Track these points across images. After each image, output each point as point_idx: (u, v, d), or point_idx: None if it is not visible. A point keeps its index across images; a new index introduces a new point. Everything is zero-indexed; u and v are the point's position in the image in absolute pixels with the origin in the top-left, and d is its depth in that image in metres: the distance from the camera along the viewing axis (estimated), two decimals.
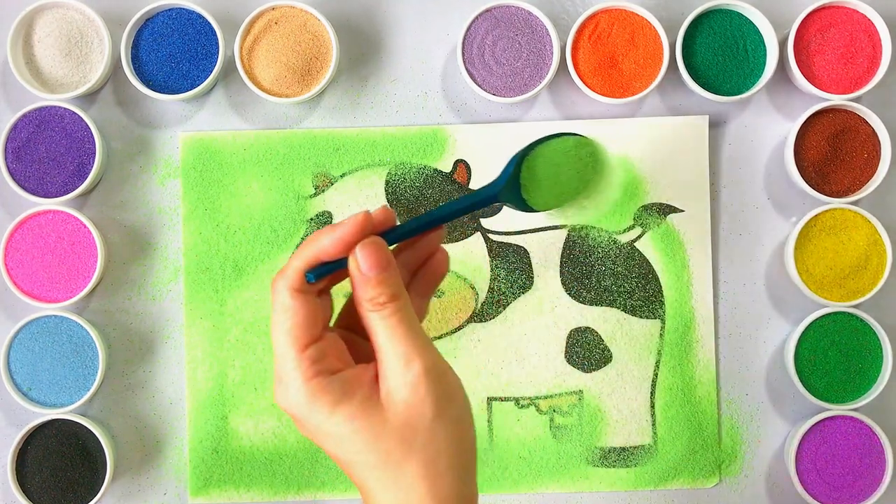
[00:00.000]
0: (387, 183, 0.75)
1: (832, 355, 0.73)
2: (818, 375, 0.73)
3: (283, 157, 0.75)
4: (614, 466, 0.74)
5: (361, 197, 0.75)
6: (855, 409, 0.73)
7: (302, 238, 0.75)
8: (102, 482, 0.72)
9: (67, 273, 0.73)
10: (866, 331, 0.73)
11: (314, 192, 0.75)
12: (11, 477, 0.72)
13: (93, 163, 0.73)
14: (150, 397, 0.75)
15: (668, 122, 0.75)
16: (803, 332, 0.73)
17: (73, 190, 0.73)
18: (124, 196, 0.76)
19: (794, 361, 0.73)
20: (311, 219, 0.75)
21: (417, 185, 0.75)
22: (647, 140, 0.75)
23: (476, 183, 0.75)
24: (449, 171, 0.75)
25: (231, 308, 0.75)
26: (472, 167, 0.75)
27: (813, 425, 0.72)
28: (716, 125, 0.76)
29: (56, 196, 0.73)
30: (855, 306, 0.73)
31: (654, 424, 0.74)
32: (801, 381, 0.73)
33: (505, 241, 0.75)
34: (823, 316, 0.73)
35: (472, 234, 0.75)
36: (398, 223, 0.52)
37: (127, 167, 0.76)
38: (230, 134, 0.75)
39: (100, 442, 0.72)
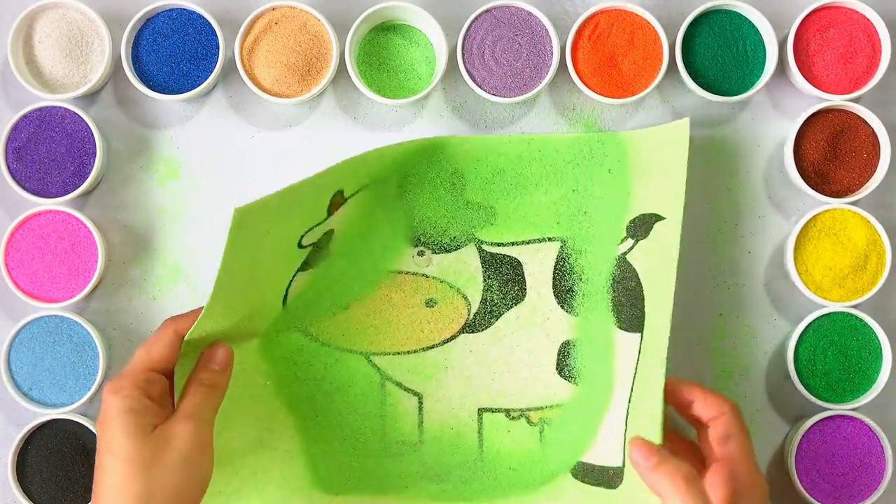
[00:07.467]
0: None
1: (831, 355, 0.73)
2: (818, 375, 0.73)
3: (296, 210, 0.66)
4: (597, 485, 0.69)
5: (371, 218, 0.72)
6: (854, 409, 0.73)
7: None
8: None
9: (68, 273, 0.73)
10: (866, 331, 0.73)
11: (327, 215, 0.69)
12: (12, 477, 0.72)
13: (93, 163, 0.73)
14: None
15: (650, 131, 0.71)
16: (802, 333, 0.73)
17: (74, 190, 0.73)
18: (124, 196, 0.76)
19: (794, 361, 0.73)
20: (313, 243, 0.70)
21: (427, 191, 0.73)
22: (634, 151, 0.71)
23: None
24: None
25: None
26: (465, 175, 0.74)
27: (813, 425, 0.72)
28: (715, 125, 0.76)
29: (56, 196, 0.73)
30: (854, 306, 0.73)
31: (625, 445, 0.67)
32: (801, 381, 0.73)
33: (498, 252, 0.74)
34: (823, 316, 0.73)
35: (465, 244, 0.74)
36: None
37: (127, 167, 0.76)
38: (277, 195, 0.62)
39: None
